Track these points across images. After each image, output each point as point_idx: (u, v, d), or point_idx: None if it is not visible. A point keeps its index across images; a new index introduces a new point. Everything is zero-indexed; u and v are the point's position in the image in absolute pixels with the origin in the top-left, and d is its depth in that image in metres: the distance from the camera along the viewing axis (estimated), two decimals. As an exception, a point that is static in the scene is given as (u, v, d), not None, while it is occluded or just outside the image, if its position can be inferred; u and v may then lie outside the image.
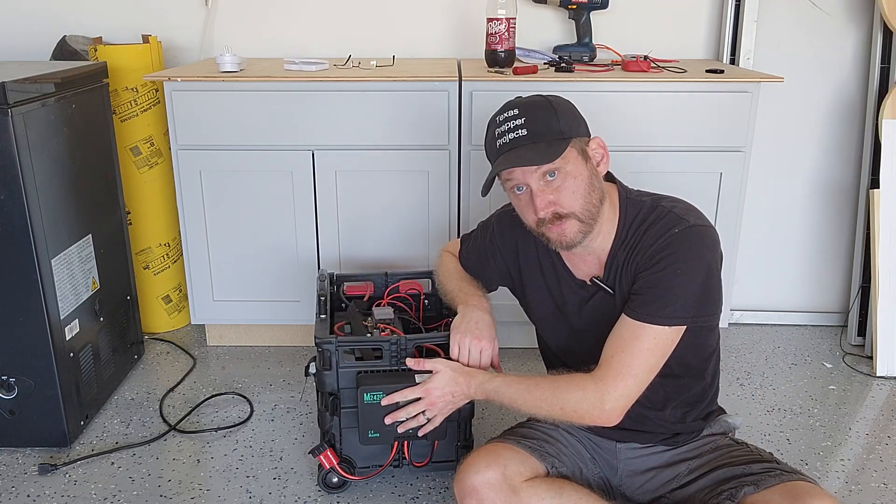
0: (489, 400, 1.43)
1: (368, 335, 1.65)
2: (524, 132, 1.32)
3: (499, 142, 1.35)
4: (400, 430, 1.53)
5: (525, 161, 1.30)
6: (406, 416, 1.51)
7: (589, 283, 1.42)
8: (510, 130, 1.33)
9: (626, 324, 1.32)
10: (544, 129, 1.31)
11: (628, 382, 1.30)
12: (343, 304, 1.89)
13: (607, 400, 1.29)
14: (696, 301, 1.29)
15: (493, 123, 1.38)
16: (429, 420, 1.52)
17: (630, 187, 1.44)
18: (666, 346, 1.31)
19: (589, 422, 1.33)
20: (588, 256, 1.42)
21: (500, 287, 1.65)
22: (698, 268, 1.29)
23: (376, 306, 1.83)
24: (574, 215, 1.33)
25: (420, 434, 1.55)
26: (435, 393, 1.47)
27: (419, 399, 1.50)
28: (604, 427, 1.43)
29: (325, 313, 1.71)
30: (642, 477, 1.47)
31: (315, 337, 1.59)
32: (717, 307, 1.33)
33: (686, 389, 1.44)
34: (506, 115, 1.35)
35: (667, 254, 1.30)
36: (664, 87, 2.08)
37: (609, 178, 1.44)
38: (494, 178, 1.38)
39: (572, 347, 1.49)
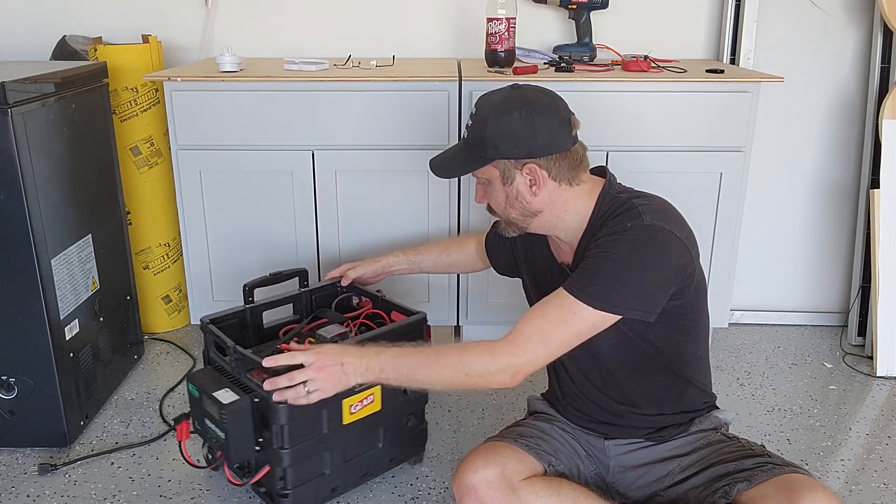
0: (383, 376, 1.34)
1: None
2: (466, 134, 1.42)
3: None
4: (276, 398, 1.40)
5: (436, 170, 1.47)
6: (287, 381, 1.38)
7: (566, 268, 1.45)
8: (466, 124, 1.43)
9: (556, 293, 1.31)
10: (475, 141, 1.39)
11: (538, 349, 1.28)
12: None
13: (514, 364, 1.28)
14: (625, 293, 1.27)
15: None
16: (308, 392, 1.37)
17: (620, 184, 1.44)
18: (586, 327, 1.28)
19: (493, 385, 1.30)
20: (563, 244, 1.46)
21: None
22: (635, 260, 1.27)
23: (315, 332, 1.74)
24: (499, 215, 1.46)
25: (291, 402, 1.40)
26: (323, 359, 1.36)
27: (303, 368, 1.38)
28: (589, 421, 1.47)
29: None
30: (634, 473, 1.48)
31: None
32: (648, 306, 1.29)
33: (664, 391, 1.45)
34: (473, 109, 1.40)
35: (610, 240, 1.30)
36: (664, 87, 2.08)
37: (600, 171, 1.45)
38: None
39: None
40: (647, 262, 1.28)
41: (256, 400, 1.48)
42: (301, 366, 1.38)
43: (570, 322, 1.28)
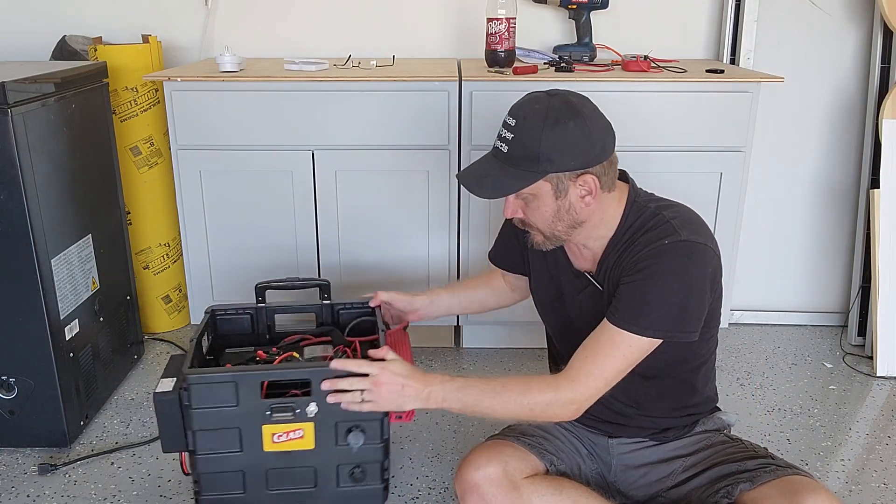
0: (446, 405, 1.33)
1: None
2: (504, 148, 1.31)
3: (495, 139, 1.35)
4: (330, 399, 1.40)
5: (476, 189, 1.33)
6: (348, 385, 1.37)
7: (585, 275, 1.44)
8: (499, 137, 1.33)
9: (605, 327, 1.31)
10: (521, 155, 1.29)
11: (598, 384, 1.30)
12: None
13: (576, 400, 1.30)
14: (673, 317, 1.28)
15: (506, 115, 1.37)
16: (363, 401, 1.37)
17: (642, 189, 1.43)
18: (638, 355, 1.31)
19: (555, 420, 1.35)
20: (585, 251, 1.43)
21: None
22: (679, 283, 1.28)
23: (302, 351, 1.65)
24: (538, 230, 1.38)
25: (343, 406, 1.38)
26: (387, 375, 1.35)
27: (367, 376, 1.37)
28: (592, 420, 1.47)
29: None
30: (636, 472, 1.48)
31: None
32: (695, 325, 1.31)
33: (673, 393, 1.45)
34: (507, 119, 1.32)
35: (650, 263, 1.29)
36: (664, 87, 2.08)
37: (623, 177, 1.43)
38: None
39: (567, 333, 1.49)
40: (690, 282, 1.28)
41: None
42: (365, 375, 1.37)
43: (626, 354, 1.30)
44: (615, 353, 1.29)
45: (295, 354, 1.61)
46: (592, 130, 1.30)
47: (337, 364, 1.40)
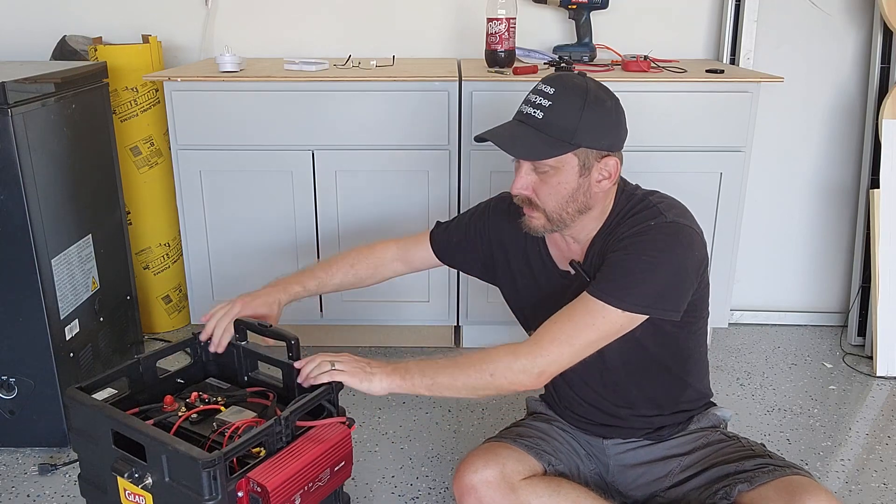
0: (409, 378, 1.29)
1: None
2: (540, 115, 1.29)
3: (521, 105, 1.33)
4: (297, 365, 1.33)
5: (510, 147, 1.29)
6: (314, 365, 1.31)
7: (572, 270, 1.42)
8: (532, 103, 1.30)
9: (581, 298, 1.29)
10: (558, 123, 1.27)
11: (563, 350, 1.27)
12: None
13: (538, 364, 1.26)
14: (653, 292, 1.26)
15: (537, 84, 1.34)
16: (333, 368, 1.31)
17: (630, 183, 1.43)
18: (613, 329, 1.27)
19: (517, 387, 1.28)
20: (574, 245, 1.43)
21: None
22: (662, 260, 1.27)
23: (215, 416, 1.35)
24: (544, 212, 1.33)
25: (312, 377, 1.30)
26: (348, 356, 1.33)
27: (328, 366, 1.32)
28: (587, 422, 1.46)
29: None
30: (633, 472, 1.48)
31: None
32: (675, 304, 1.29)
33: (663, 393, 1.45)
34: (541, 88, 1.30)
35: (635, 240, 1.29)
36: (664, 87, 2.08)
37: None
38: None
39: None
40: (673, 260, 1.27)
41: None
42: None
43: (598, 325, 1.27)
44: (588, 321, 1.26)
45: (221, 408, 1.37)
46: (622, 117, 1.33)
47: (299, 364, 1.33)
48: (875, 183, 2.32)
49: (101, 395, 1.34)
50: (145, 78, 2.14)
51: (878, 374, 2.26)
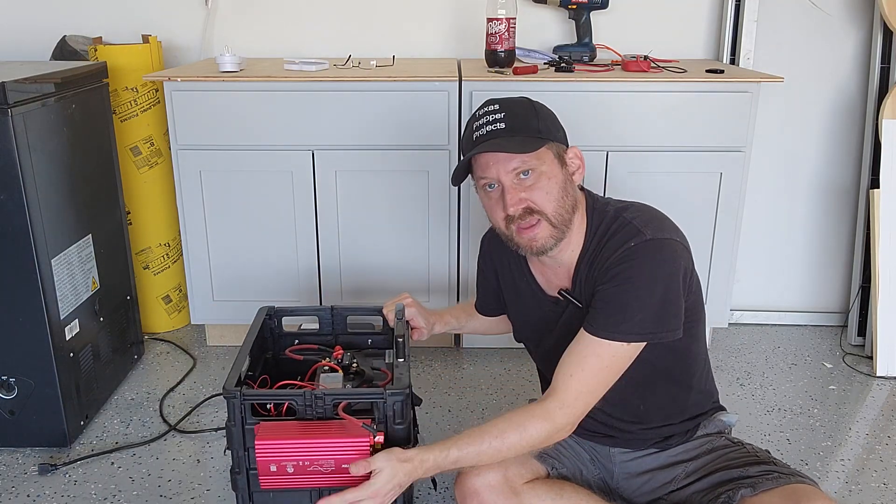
0: (440, 470, 1.28)
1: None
2: (502, 126, 1.30)
3: (475, 134, 1.32)
4: None
5: (500, 148, 1.27)
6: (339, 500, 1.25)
7: (560, 297, 1.41)
8: (488, 123, 1.31)
9: (584, 339, 1.29)
10: (522, 126, 1.30)
11: (588, 399, 1.29)
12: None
13: (571, 422, 1.29)
14: (653, 317, 1.27)
15: (472, 118, 1.36)
16: None
17: (598, 195, 1.42)
18: (623, 362, 1.29)
19: (554, 441, 1.31)
20: (559, 269, 1.40)
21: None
22: (654, 283, 1.26)
23: (322, 370, 1.54)
24: (546, 217, 1.30)
25: None
26: (381, 492, 1.25)
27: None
28: (593, 433, 1.46)
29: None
30: (638, 479, 1.47)
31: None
32: (675, 323, 1.29)
33: (670, 401, 1.44)
34: (486, 109, 1.33)
35: (623, 268, 1.27)
36: (664, 87, 2.08)
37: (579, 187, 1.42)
38: (467, 168, 1.36)
39: (553, 364, 1.41)
40: (663, 280, 1.27)
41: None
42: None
43: (611, 365, 1.28)
44: (600, 365, 1.28)
45: (338, 368, 1.54)
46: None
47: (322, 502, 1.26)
48: (875, 183, 2.32)
49: (308, 325, 1.67)
50: (145, 78, 2.13)
51: (878, 374, 2.26)
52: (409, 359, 1.48)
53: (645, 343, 1.28)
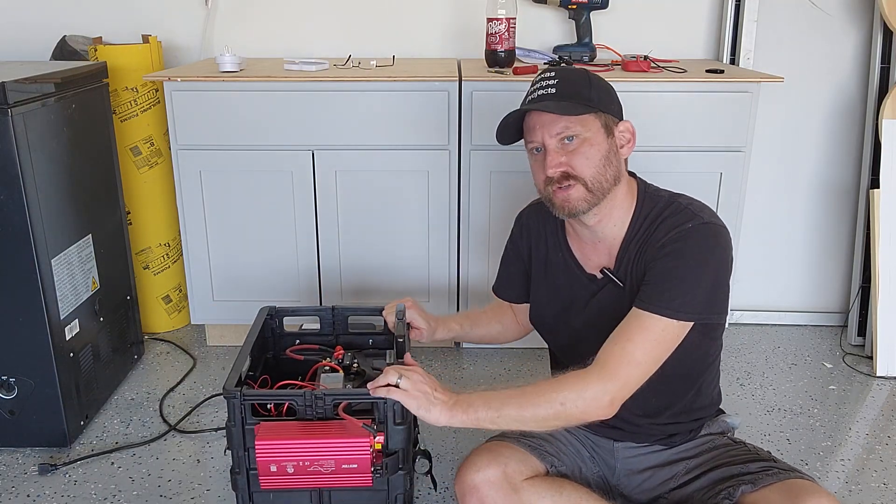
0: (472, 412, 1.26)
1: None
2: (553, 91, 1.33)
3: (528, 97, 1.37)
4: (370, 386, 1.31)
5: (545, 108, 1.31)
6: (384, 380, 1.30)
7: (600, 275, 1.41)
8: (541, 88, 1.35)
9: (634, 315, 1.29)
10: (573, 93, 1.33)
11: (631, 371, 1.26)
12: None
13: (609, 389, 1.25)
14: (704, 298, 1.28)
15: (531, 83, 1.40)
16: (397, 385, 1.29)
17: (650, 183, 1.44)
18: (671, 340, 1.28)
19: (591, 416, 1.26)
20: (599, 245, 1.41)
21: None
22: (709, 264, 1.28)
23: (323, 370, 1.54)
24: (583, 181, 1.32)
25: (373, 389, 1.30)
26: (419, 378, 1.29)
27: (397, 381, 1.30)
28: (600, 426, 1.44)
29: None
30: (640, 476, 1.48)
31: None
32: (724, 307, 1.32)
33: (682, 397, 1.44)
34: (543, 75, 1.37)
35: (679, 246, 1.29)
36: (664, 87, 2.08)
37: (630, 174, 1.44)
38: (517, 129, 1.40)
39: (576, 344, 1.46)
40: (716, 264, 1.29)
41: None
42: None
43: (658, 339, 1.27)
44: (648, 338, 1.26)
45: (338, 368, 1.54)
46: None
47: (371, 384, 1.32)
48: (875, 183, 2.32)
49: (309, 325, 1.68)
50: (145, 78, 2.13)
51: (878, 374, 2.26)
52: (410, 359, 1.48)
53: (692, 324, 1.28)
